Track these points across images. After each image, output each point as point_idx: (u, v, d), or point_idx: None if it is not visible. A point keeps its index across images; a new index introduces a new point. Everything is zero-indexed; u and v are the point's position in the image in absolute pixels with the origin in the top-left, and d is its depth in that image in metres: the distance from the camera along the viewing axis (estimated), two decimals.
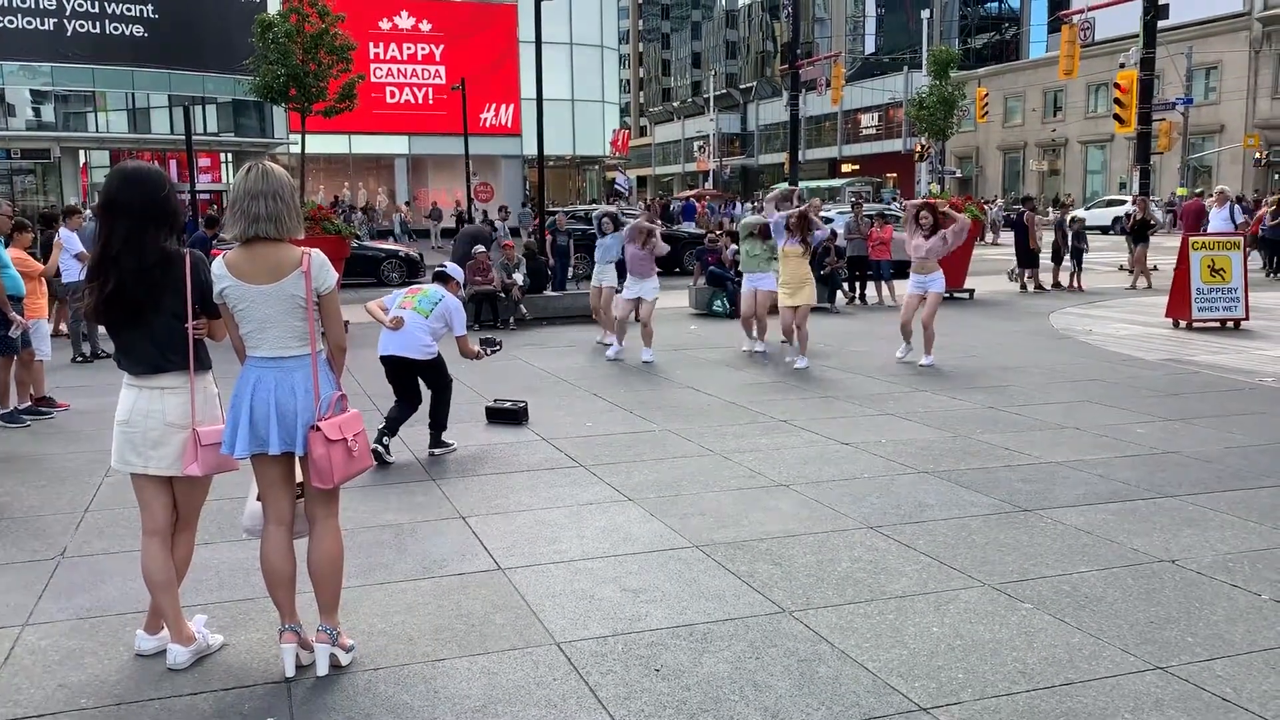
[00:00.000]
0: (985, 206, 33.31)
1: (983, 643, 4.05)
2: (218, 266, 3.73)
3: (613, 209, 16.02)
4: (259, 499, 3.96)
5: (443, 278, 7.77)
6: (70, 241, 11.41)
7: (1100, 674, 3.77)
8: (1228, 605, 4.40)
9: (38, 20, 38.11)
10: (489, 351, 7.83)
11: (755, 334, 11.88)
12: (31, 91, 39.92)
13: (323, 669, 3.83)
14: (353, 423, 3.79)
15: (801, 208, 11.48)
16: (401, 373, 7.35)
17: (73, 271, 11.42)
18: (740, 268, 12.44)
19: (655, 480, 6.51)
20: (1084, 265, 19.83)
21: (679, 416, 8.45)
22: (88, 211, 15.97)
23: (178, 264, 3.80)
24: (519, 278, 15.50)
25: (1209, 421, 8.01)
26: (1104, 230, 36.94)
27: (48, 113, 40.55)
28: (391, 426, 7.21)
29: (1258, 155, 44.86)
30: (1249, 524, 5.47)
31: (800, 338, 10.94)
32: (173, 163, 37.50)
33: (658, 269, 11.92)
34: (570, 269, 20.08)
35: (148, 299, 3.78)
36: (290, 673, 3.80)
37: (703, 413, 8.61)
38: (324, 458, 3.66)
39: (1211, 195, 21.53)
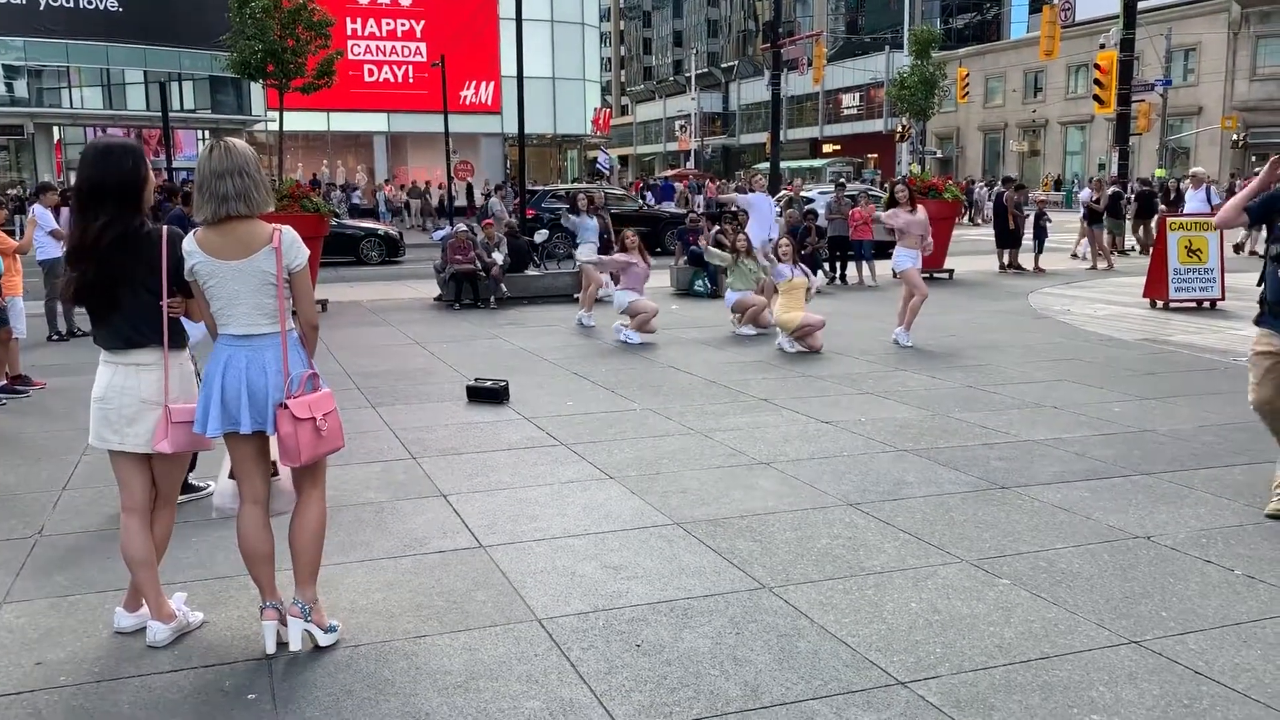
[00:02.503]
0: (966, 187, 33.41)
1: (960, 618, 4.09)
2: (188, 243, 3.68)
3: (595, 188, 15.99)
4: (231, 477, 3.94)
5: None
6: (44, 218, 11.29)
7: (1076, 648, 3.81)
8: (1201, 580, 4.45)
9: None
10: None
11: (745, 321, 11.91)
12: (4, 66, 39.34)
13: (296, 644, 3.82)
14: (323, 402, 3.74)
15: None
16: None
17: (48, 248, 11.30)
18: (731, 284, 12.16)
19: (636, 458, 6.52)
20: (1045, 248, 19.96)
21: (660, 395, 8.46)
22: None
23: (153, 240, 3.77)
24: (498, 257, 15.41)
25: (1185, 400, 8.09)
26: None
27: (21, 88, 39.99)
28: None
29: (1235, 137, 45.11)
30: (1223, 501, 5.54)
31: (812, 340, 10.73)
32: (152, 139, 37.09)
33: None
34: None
35: (123, 275, 3.75)
36: (271, 650, 3.79)
37: (684, 392, 8.63)
38: (290, 436, 3.62)
39: (1187, 179, 21.67)
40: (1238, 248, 20.22)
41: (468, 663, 3.75)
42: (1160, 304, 13.78)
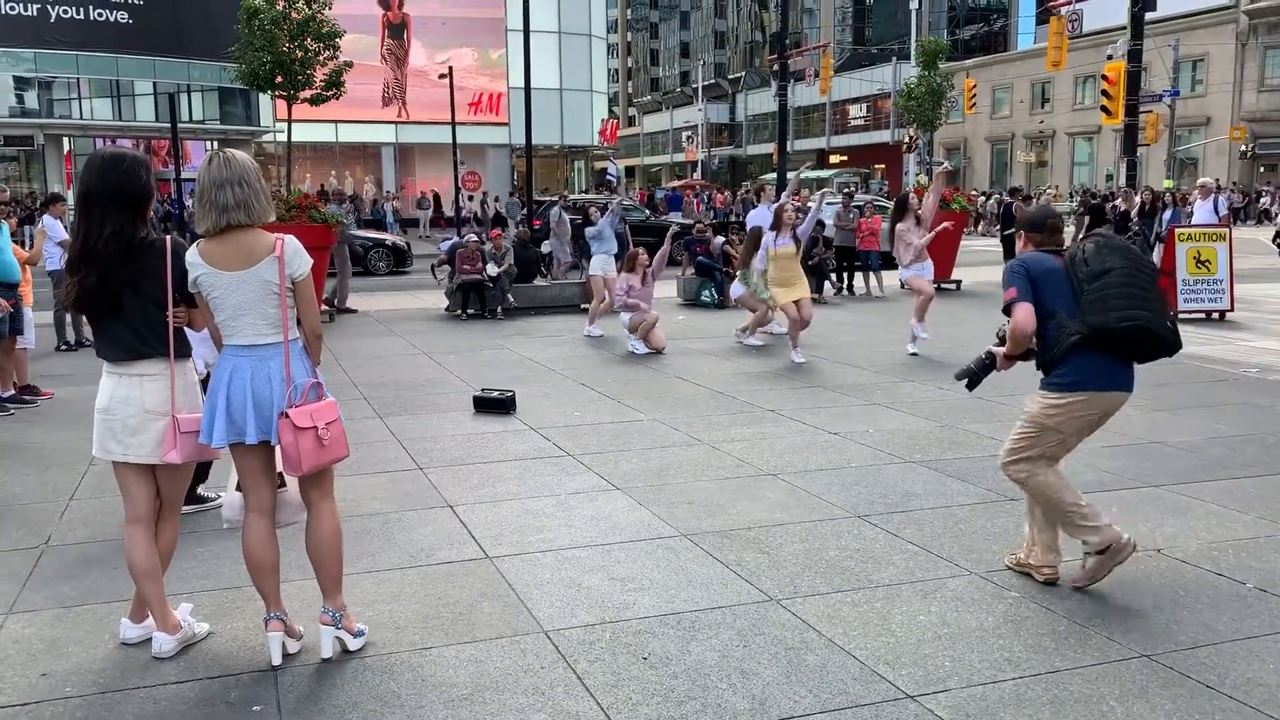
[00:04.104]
0: (974, 198, 33.37)
1: (969, 631, 4.06)
2: (191, 255, 3.69)
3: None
4: (239, 488, 3.94)
5: None
6: (54, 229, 11.32)
7: (1086, 662, 3.78)
8: (1212, 594, 4.42)
9: (21, 6, 37.73)
10: None
11: (752, 331, 11.80)
12: (14, 78, 39.52)
13: (327, 651, 3.83)
14: (325, 411, 3.74)
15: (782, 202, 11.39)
16: None
17: (56, 259, 11.33)
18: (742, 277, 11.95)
19: (643, 469, 6.50)
20: None
21: (667, 406, 8.45)
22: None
23: (157, 250, 3.78)
24: (492, 269, 15.16)
25: (1194, 411, 8.05)
26: None
27: (31, 99, 40.15)
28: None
29: (1243, 148, 45.06)
30: (1233, 513, 5.50)
31: (794, 333, 10.72)
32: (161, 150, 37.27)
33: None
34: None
35: (128, 286, 3.75)
36: (276, 661, 3.78)
37: (690, 402, 8.61)
38: (292, 445, 3.62)
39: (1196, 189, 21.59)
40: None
41: (474, 675, 3.73)
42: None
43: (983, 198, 40.58)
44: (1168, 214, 18.86)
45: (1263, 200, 41.38)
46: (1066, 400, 4.44)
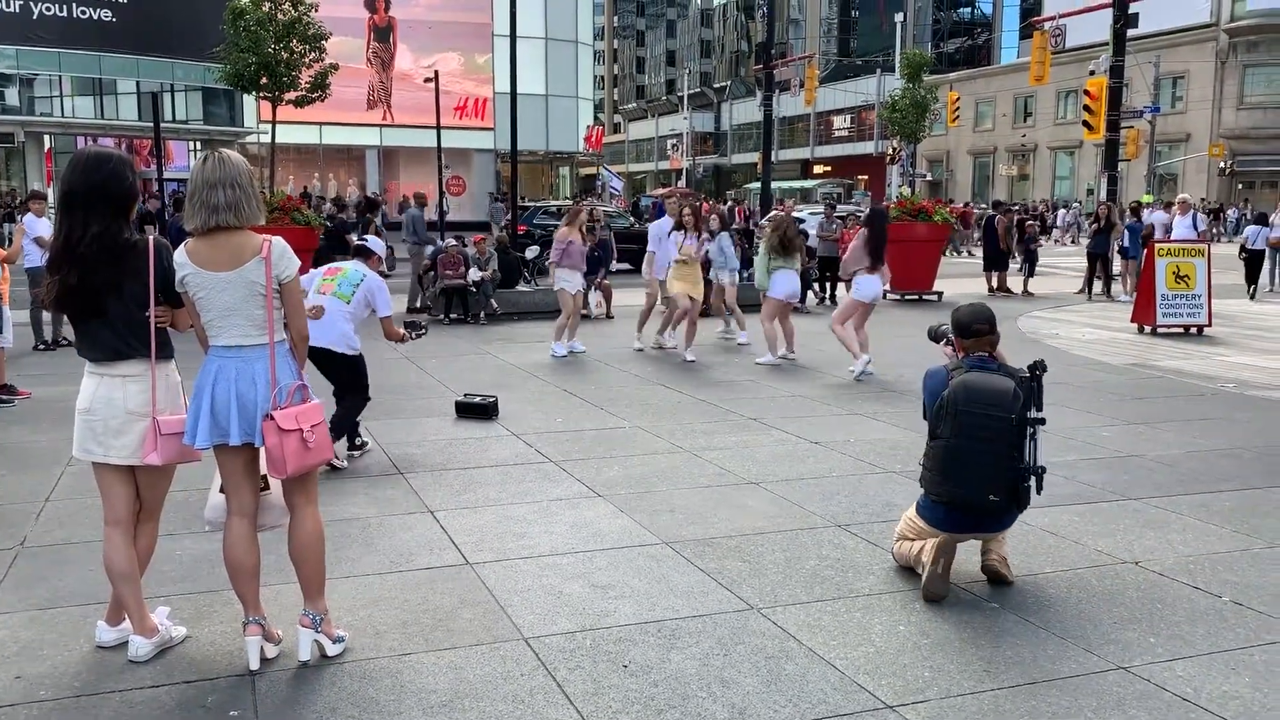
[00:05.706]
0: (958, 210, 33.57)
1: (949, 641, 4.08)
2: (179, 255, 3.68)
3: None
4: (221, 490, 3.92)
5: (363, 252, 7.13)
6: (33, 226, 11.23)
7: (1064, 673, 3.81)
8: (1189, 607, 4.45)
9: (4, 2, 37.51)
10: (414, 335, 7.26)
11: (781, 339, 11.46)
12: None
13: (304, 654, 3.81)
14: (311, 414, 3.73)
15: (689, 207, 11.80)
16: (322, 367, 6.69)
17: (34, 257, 11.23)
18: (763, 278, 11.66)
19: (625, 476, 6.50)
20: (1035, 272, 20.16)
21: (649, 413, 8.45)
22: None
23: (140, 250, 3.76)
24: (474, 274, 15.04)
25: (1172, 425, 8.11)
26: None
27: (12, 96, 39.91)
28: (337, 430, 6.46)
29: (1222, 165, 45.54)
30: (1210, 527, 5.55)
31: (689, 333, 11.40)
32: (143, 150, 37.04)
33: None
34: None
35: (110, 287, 3.73)
36: (254, 665, 3.76)
37: (673, 410, 8.62)
38: (277, 447, 3.61)
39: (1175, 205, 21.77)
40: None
41: (453, 682, 3.72)
42: (1148, 329, 13.85)
43: (988, 209, 40.78)
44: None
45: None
46: (924, 525, 4.69)
